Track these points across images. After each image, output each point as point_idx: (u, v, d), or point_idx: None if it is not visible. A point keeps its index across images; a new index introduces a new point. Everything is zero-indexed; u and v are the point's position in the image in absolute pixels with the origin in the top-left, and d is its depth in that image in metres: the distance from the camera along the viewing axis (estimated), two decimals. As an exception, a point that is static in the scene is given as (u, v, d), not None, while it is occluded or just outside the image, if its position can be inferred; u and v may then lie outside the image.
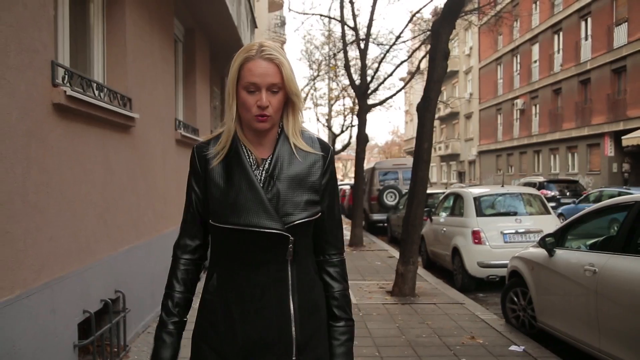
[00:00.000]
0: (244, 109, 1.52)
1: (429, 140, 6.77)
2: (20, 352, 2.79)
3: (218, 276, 1.58)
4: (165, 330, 1.59)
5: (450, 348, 4.60)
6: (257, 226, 1.49)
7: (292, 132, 1.59)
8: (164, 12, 5.92)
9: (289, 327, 1.53)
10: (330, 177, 1.63)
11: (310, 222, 1.58)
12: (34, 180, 2.97)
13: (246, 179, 1.53)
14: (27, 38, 2.91)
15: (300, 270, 1.57)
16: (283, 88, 1.52)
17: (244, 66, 1.50)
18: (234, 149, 1.56)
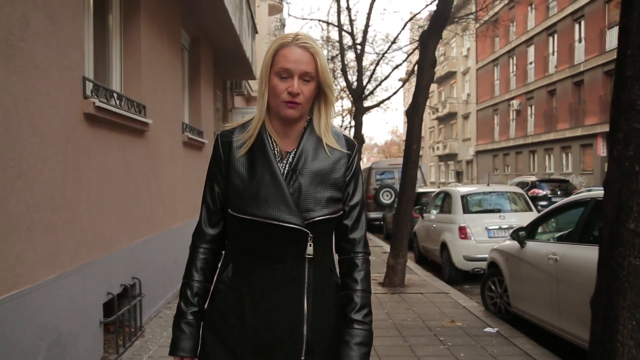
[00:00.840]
0: (273, 96, 1.50)
1: (417, 142, 7.30)
2: (61, 325, 3.32)
3: (233, 267, 1.56)
4: (185, 321, 1.56)
5: (431, 330, 5.13)
6: (277, 219, 1.46)
7: (322, 126, 1.56)
8: (173, 24, 6.45)
9: (301, 327, 1.49)
10: (354, 174, 1.60)
11: (331, 220, 1.54)
12: (70, 178, 3.50)
13: (269, 171, 1.50)
14: (65, 58, 3.44)
15: (317, 270, 1.53)
16: (316, 78, 1.51)
17: (278, 52, 1.49)
18: (260, 138, 1.53)
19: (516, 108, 32.91)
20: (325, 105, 1.56)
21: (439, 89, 50.49)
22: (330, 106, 1.56)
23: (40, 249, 3.10)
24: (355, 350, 1.49)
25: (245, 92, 15.20)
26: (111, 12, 4.90)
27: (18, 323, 2.83)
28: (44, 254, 3.14)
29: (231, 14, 7.87)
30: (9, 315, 2.74)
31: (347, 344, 1.50)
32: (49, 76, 3.22)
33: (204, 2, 6.98)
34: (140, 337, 4.74)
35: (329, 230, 1.56)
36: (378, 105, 14.78)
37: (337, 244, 1.62)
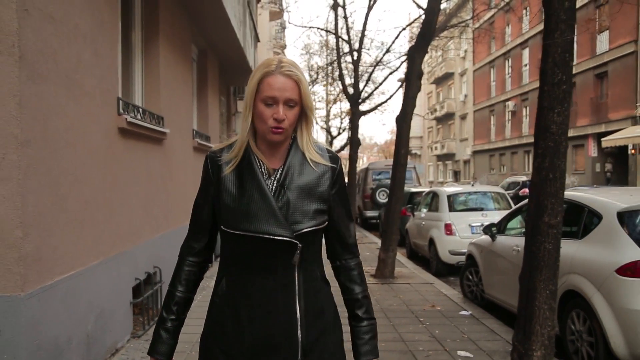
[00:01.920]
0: (260, 121, 1.59)
1: (406, 147, 8.04)
2: (102, 302, 4.06)
3: (227, 280, 1.65)
4: (163, 327, 1.69)
5: (413, 313, 5.88)
6: (268, 233, 1.55)
7: (305, 143, 1.66)
8: (185, 41, 7.18)
9: (295, 331, 1.59)
10: (340, 186, 1.70)
11: (318, 231, 1.64)
12: (108, 182, 4.25)
13: (258, 188, 1.59)
14: (105, 83, 4.19)
15: (307, 276, 1.63)
16: (299, 103, 1.60)
17: (263, 80, 1.57)
18: (246, 158, 1.63)
19: (511, 109, 33.64)
20: (306, 125, 1.66)
21: (437, 89, 51.21)
22: (311, 125, 1.67)
23: (88, 239, 3.84)
24: (368, 345, 1.68)
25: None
26: (134, 36, 5.64)
27: (74, 298, 3.57)
28: (90, 243, 3.89)
29: (236, 30, 8.62)
30: (67, 291, 3.49)
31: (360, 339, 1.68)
32: (94, 100, 3.97)
33: (213, 20, 7.71)
34: (161, 318, 5.48)
35: (317, 239, 1.66)
36: (374, 109, 15.50)
37: (330, 252, 1.75)
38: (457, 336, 4.98)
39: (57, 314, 3.31)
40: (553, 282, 3.00)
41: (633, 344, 3.70)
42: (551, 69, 3.01)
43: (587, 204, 4.52)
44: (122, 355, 4.31)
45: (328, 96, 23.96)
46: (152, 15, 5.83)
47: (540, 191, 3.00)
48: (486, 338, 4.92)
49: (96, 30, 4.02)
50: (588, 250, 4.23)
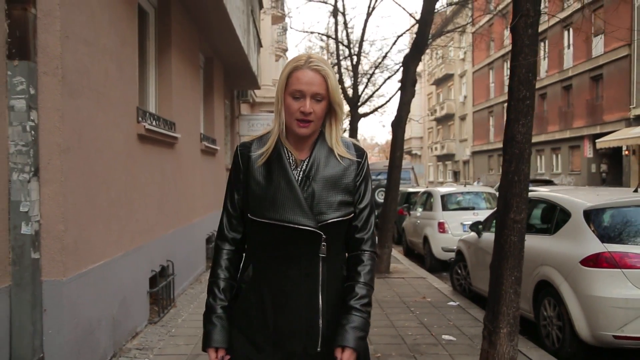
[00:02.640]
0: (288, 114, 1.64)
1: (401, 150, 8.53)
2: (125, 290, 4.56)
3: (253, 267, 1.70)
4: (216, 315, 1.69)
5: (405, 303, 6.38)
6: (293, 222, 1.59)
7: (333, 138, 1.71)
8: (193, 50, 7.68)
9: (317, 320, 1.63)
10: (364, 180, 1.73)
11: (343, 222, 1.67)
12: (130, 183, 4.75)
13: (285, 178, 1.63)
14: (126, 94, 4.69)
15: (330, 267, 1.67)
16: (327, 98, 1.64)
17: (292, 75, 1.63)
18: (277, 150, 1.67)
19: (510, 110, 34.06)
20: (335, 121, 1.71)
21: (437, 90, 51.68)
22: (340, 121, 1.71)
23: (113, 234, 4.35)
24: (351, 333, 1.61)
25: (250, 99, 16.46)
26: (149, 49, 6.14)
27: (103, 285, 4.08)
28: (115, 237, 4.39)
29: (241, 38, 9.12)
30: (98, 279, 3.99)
31: (344, 327, 1.63)
32: (118, 110, 4.47)
33: (219, 30, 8.21)
34: (173, 307, 5.98)
35: (341, 231, 1.69)
36: (373, 112, 15.97)
37: (347, 243, 1.75)
38: (443, 323, 5.47)
39: (90, 298, 3.82)
40: (518, 270, 3.49)
41: (594, 326, 4.20)
42: (517, 87, 3.50)
43: (558, 202, 5.02)
44: (141, 338, 4.81)
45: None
46: (165, 28, 6.33)
47: (507, 191, 3.50)
48: (469, 325, 5.41)
49: (119, 47, 4.52)
50: (558, 244, 4.73)
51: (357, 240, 1.73)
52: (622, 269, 4.13)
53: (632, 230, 4.40)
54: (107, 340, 4.15)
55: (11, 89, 3.20)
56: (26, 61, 3.22)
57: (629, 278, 4.11)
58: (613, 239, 4.34)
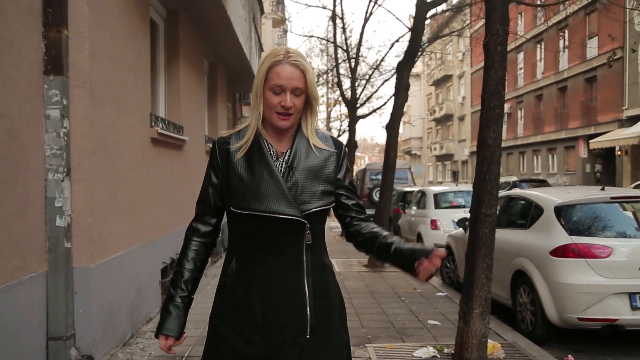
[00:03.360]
0: (268, 108, 1.67)
1: (395, 151, 9.02)
2: (140, 279, 5.06)
3: (237, 260, 1.71)
4: (173, 303, 1.71)
5: (397, 294, 6.87)
6: (278, 212, 1.61)
7: (309, 130, 1.75)
8: (199, 57, 8.18)
9: (304, 308, 1.66)
10: (345, 168, 1.80)
11: (325, 211, 1.73)
12: (144, 182, 5.24)
13: (267, 169, 1.65)
14: (142, 102, 5.18)
15: (314, 255, 1.70)
16: (305, 92, 1.68)
17: (271, 69, 1.65)
18: (256, 142, 1.70)
19: (507, 111, 34.56)
20: (311, 113, 1.76)
21: (437, 91, 52.16)
22: (315, 114, 1.76)
23: (131, 228, 4.84)
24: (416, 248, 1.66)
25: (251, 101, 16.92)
26: (159, 57, 6.63)
27: (123, 273, 4.57)
28: (132, 231, 4.88)
29: (243, 45, 9.61)
30: (119, 267, 4.48)
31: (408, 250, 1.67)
32: (135, 116, 4.97)
33: (223, 38, 8.70)
34: (182, 297, 6.48)
35: (323, 219, 1.75)
36: (372, 114, 16.47)
37: (347, 224, 1.84)
38: (430, 310, 5.97)
39: (112, 284, 4.31)
40: (489, 258, 3.98)
41: (561, 310, 4.69)
42: (488, 97, 3.99)
43: (534, 200, 5.51)
44: (155, 323, 5.30)
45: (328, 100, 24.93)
46: (173, 38, 6.82)
47: (480, 189, 3.98)
48: (454, 312, 5.89)
49: (136, 59, 5.01)
50: (532, 237, 5.22)
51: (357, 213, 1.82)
52: (586, 259, 4.63)
53: (596, 224, 4.89)
54: (127, 322, 4.65)
55: (47, 100, 3.69)
56: (60, 76, 3.71)
57: (592, 266, 4.60)
58: (579, 232, 4.83)
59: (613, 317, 4.49)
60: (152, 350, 4.43)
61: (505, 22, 3.99)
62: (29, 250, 3.47)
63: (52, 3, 3.69)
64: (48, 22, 3.69)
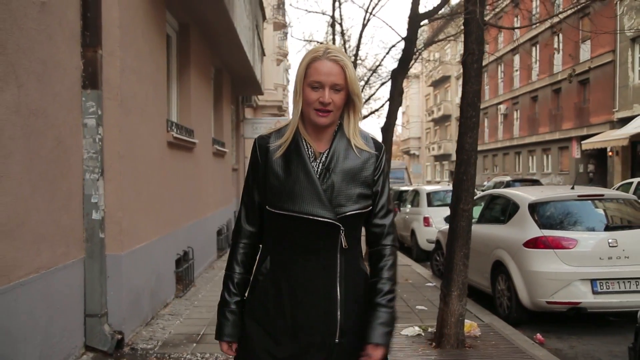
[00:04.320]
0: (306, 104, 1.65)
1: (389, 153, 9.62)
2: (159, 268, 5.67)
3: (271, 260, 1.70)
4: (228, 309, 1.73)
5: (389, 284, 7.48)
6: (311, 214, 1.60)
7: (351, 130, 1.70)
8: (206, 65, 8.78)
9: (335, 312, 1.65)
10: (383, 174, 1.73)
11: (361, 215, 1.68)
12: (161, 181, 5.85)
13: (304, 170, 1.64)
14: (160, 109, 5.79)
15: (348, 260, 1.67)
16: (345, 88, 1.64)
17: (310, 65, 1.64)
18: (295, 141, 1.67)
19: (503, 112, 35.22)
20: (353, 112, 1.71)
21: (435, 92, 52.79)
22: (358, 112, 1.71)
23: (151, 222, 5.45)
24: (379, 330, 1.64)
25: (254, 104, 17.55)
26: (172, 66, 7.24)
27: (145, 261, 5.18)
28: (152, 225, 5.49)
29: (247, 52, 10.21)
30: (142, 256, 5.09)
31: (371, 323, 1.65)
32: (154, 122, 5.57)
33: (228, 47, 9.30)
34: (193, 287, 7.09)
35: (359, 224, 1.70)
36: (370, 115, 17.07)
37: (367, 237, 1.77)
38: (419, 298, 6.58)
39: (138, 271, 4.92)
40: (466, 247, 4.58)
41: (532, 295, 5.30)
42: (465, 108, 4.60)
43: (511, 198, 6.13)
44: (171, 308, 5.91)
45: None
46: (185, 49, 7.43)
47: (458, 188, 4.59)
48: (441, 299, 6.52)
49: (155, 72, 5.62)
50: (509, 231, 5.84)
51: (378, 235, 1.75)
52: (554, 249, 5.24)
53: (564, 219, 5.51)
54: (148, 306, 5.26)
55: (85, 111, 4.30)
56: (95, 90, 4.32)
57: (559, 256, 5.22)
58: (549, 226, 5.45)
59: (577, 300, 5.11)
60: (172, 329, 5.05)
61: (481, 42, 4.60)
62: (71, 239, 4.08)
63: (89, 27, 4.30)
64: (86, 43, 4.29)
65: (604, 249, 5.18)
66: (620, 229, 5.40)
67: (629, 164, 21.54)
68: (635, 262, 5.11)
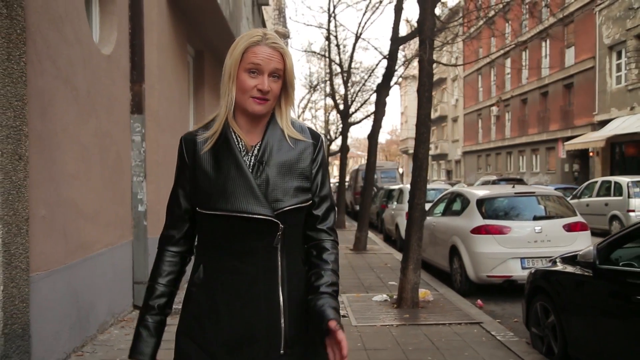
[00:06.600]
0: (242, 91, 1.52)
1: (375, 156, 11.11)
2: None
3: (204, 267, 1.56)
4: (144, 324, 1.57)
5: (371, 267, 8.96)
6: (246, 212, 1.47)
7: (284, 120, 1.59)
8: (217, 82, 10.24)
9: (278, 320, 1.51)
10: (321, 164, 1.62)
11: (301, 209, 1.57)
12: (185, 182, 7.32)
13: (235, 165, 1.51)
14: (183, 125, 7.26)
15: (290, 260, 1.55)
16: (283, 77, 1.55)
17: (248, 50, 1.51)
18: (223, 134, 1.55)
19: (495, 114, 36.66)
20: (286, 101, 1.60)
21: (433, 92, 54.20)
22: (291, 102, 1.61)
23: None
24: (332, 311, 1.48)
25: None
26: (190, 88, 8.71)
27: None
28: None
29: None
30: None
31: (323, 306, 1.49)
32: (179, 132, 7.00)
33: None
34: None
35: (299, 220, 1.58)
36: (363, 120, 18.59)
37: (306, 234, 1.64)
38: (392, 276, 8.05)
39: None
40: (420, 232, 6.04)
41: (477, 270, 6.77)
42: (419, 127, 6.06)
43: (465, 194, 7.60)
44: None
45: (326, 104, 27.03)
46: (200, 71, 8.91)
47: (414, 187, 6.06)
48: (410, 278, 7.98)
49: (180, 95, 7.10)
50: (462, 221, 7.31)
51: (319, 230, 1.64)
52: (493, 235, 6.71)
53: (503, 211, 6.99)
54: (176, 279, 6.75)
55: (133, 130, 5.78)
56: (140, 114, 5.80)
57: (497, 240, 6.69)
58: (491, 217, 6.92)
59: (510, 274, 6.58)
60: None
61: (430, 76, 6.07)
62: (124, 225, 5.56)
63: (136, 67, 5.78)
64: (133, 79, 5.77)
65: (531, 235, 6.65)
66: (545, 219, 6.88)
67: (609, 164, 22.97)
68: (554, 245, 6.56)
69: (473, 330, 5.20)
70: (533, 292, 4.62)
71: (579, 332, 3.88)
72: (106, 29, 5.35)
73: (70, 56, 4.29)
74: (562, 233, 6.69)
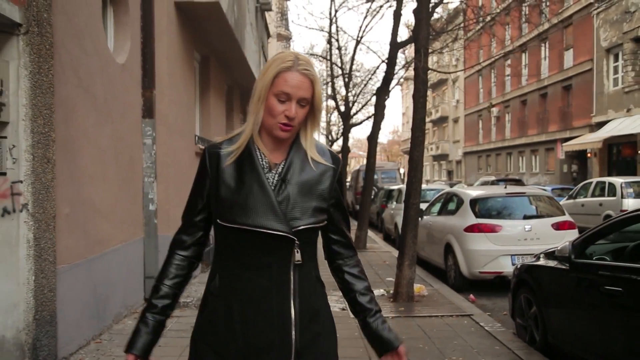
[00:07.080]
0: (269, 115, 1.58)
1: (374, 158, 11.46)
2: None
3: (220, 277, 1.62)
4: (144, 321, 1.63)
5: (370, 264, 9.31)
6: (265, 227, 1.53)
7: (308, 142, 1.65)
8: (222, 86, 10.61)
9: (289, 331, 1.57)
10: (339, 186, 1.69)
11: (316, 229, 1.64)
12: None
13: (257, 181, 1.57)
14: (190, 127, 7.62)
15: (303, 276, 1.61)
16: (310, 103, 1.60)
17: (279, 75, 1.55)
18: (248, 150, 1.60)
19: (496, 115, 36.97)
20: (312, 124, 1.66)
21: (433, 94, 54.43)
22: (317, 126, 1.66)
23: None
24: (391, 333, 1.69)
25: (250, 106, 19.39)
26: (196, 91, 9.07)
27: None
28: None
29: (254, 72, 12.05)
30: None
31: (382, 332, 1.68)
32: (187, 138, 7.41)
33: (239, 69, 11.14)
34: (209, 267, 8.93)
35: (314, 238, 1.65)
36: (363, 122, 18.90)
37: (329, 252, 1.75)
38: (390, 273, 8.38)
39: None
40: (415, 230, 6.38)
41: (469, 267, 7.12)
42: (414, 130, 6.40)
43: (460, 195, 7.95)
44: (201, 277, 7.75)
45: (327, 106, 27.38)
46: (206, 75, 9.26)
47: (409, 187, 6.41)
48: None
49: (187, 99, 7.46)
50: (456, 220, 7.66)
51: (342, 246, 1.74)
52: (485, 233, 7.06)
53: (495, 211, 7.33)
54: (184, 274, 7.11)
55: (144, 134, 6.13)
56: (151, 119, 6.15)
57: (489, 238, 7.03)
58: (483, 216, 7.27)
59: (500, 270, 6.93)
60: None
61: (425, 83, 6.41)
62: (136, 223, 5.92)
63: (147, 74, 6.14)
64: (145, 86, 6.13)
65: (521, 233, 7.00)
66: (534, 218, 7.23)
67: (606, 165, 23.29)
68: (543, 242, 6.90)
69: (463, 321, 5.55)
70: (518, 286, 4.96)
71: (557, 321, 4.23)
72: (120, 39, 5.71)
73: (90, 66, 4.65)
74: (550, 231, 7.03)
